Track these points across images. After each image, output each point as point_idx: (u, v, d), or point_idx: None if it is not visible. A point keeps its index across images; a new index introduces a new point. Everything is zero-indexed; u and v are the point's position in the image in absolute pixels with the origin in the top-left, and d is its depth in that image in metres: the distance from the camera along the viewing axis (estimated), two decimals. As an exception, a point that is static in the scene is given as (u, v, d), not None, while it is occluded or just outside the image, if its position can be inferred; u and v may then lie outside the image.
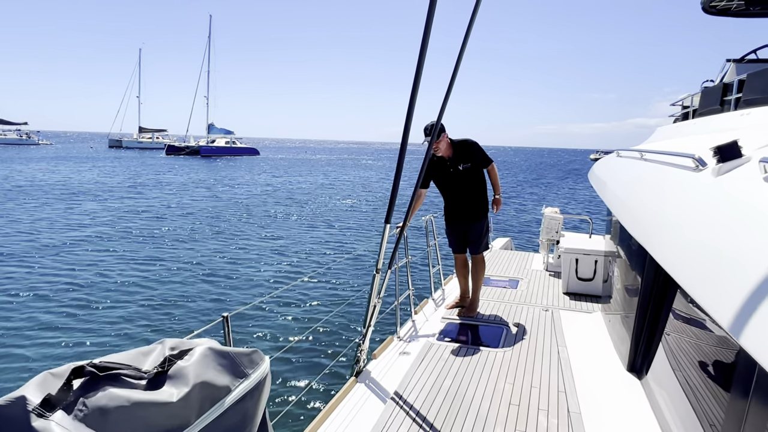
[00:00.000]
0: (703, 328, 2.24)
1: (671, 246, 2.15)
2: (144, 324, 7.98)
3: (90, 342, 7.30)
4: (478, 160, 5.02)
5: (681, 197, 2.47)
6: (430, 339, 4.65)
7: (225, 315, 2.38)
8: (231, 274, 10.98)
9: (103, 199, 22.62)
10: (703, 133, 3.96)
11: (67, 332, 7.59)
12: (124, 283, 9.97)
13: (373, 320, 3.80)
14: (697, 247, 1.87)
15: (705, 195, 2.23)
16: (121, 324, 7.96)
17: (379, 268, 3.70)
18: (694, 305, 2.37)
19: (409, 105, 3.01)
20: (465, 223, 5.21)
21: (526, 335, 4.74)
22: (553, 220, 7.13)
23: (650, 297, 3.16)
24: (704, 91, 4.90)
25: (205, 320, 8.01)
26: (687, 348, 2.48)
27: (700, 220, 2.04)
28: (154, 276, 10.53)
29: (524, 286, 6.44)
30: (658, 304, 3.07)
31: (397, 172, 3.19)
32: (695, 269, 1.77)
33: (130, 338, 7.43)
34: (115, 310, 8.54)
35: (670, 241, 2.19)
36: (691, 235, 2.00)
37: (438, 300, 5.93)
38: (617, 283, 4.35)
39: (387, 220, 3.41)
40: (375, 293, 3.76)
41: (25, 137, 78.67)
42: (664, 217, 2.47)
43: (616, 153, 5.28)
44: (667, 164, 3.10)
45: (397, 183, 3.23)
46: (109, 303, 8.86)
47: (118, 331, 7.66)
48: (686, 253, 1.94)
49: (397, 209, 3.52)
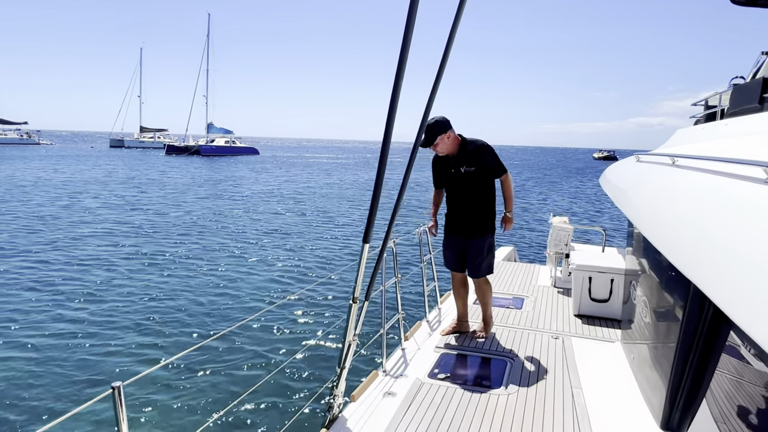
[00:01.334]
0: (765, 383, 1.77)
1: (728, 278, 1.59)
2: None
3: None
4: (486, 166, 4.43)
5: (745, 217, 1.82)
6: (421, 376, 3.99)
7: (115, 385, 1.76)
8: (188, 306, 8.98)
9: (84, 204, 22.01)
10: (742, 135, 3.30)
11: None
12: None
13: (348, 361, 3.15)
14: (765, 280, 1.38)
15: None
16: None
17: (356, 297, 3.03)
18: (756, 352, 1.85)
19: (389, 112, 2.39)
20: (462, 238, 4.58)
21: (534, 371, 4.08)
22: (562, 231, 6.44)
23: (694, 338, 2.50)
24: (736, 88, 4.25)
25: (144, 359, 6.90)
26: (741, 406, 1.96)
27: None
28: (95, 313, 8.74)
29: (530, 306, 5.77)
30: (706, 348, 2.40)
31: (377, 184, 2.54)
32: (759, 307, 1.34)
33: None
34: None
35: (728, 271, 1.62)
36: (758, 266, 1.46)
37: (433, 322, 5.27)
38: (643, 311, 3.69)
39: (365, 239, 2.75)
40: (351, 328, 3.09)
41: (26, 137, 78.79)
42: (718, 241, 1.83)
43: (636, 157, 4.62)
44: (718, 173, 2.43)
45: (376, 197, 2.58)
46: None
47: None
48: (748, 287, 1.43)
49: (377, 228, 2.86)
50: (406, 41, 2.27)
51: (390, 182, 3.52)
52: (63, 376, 6.28)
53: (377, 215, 2.75)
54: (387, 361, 4.20)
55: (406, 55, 2.31)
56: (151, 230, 15.77)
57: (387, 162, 2.50)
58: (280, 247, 14.03)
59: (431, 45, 13.28)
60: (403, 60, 2.31)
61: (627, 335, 4.39)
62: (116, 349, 7.08)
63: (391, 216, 2.66)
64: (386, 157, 2.49)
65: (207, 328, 7.98)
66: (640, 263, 3.90)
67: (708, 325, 2.36)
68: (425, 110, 2.52)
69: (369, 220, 2.62)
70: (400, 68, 2.31)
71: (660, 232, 2.57)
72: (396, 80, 2.32)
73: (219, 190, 27.87)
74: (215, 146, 63.20)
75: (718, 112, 4.58)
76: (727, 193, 2.15)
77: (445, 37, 2.37)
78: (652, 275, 3.47)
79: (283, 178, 37.83)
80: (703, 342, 2.41)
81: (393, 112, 2.40)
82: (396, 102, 2.41)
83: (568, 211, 24.91)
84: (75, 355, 6.83)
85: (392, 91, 2.36)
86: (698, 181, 2.59)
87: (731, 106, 4.25)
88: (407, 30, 2.23)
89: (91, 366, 6.57)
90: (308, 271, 11.65)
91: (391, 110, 2.41)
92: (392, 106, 2.41)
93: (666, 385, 2.83)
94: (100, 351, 7.03)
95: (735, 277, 1.55)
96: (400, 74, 2.32)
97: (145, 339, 7.48)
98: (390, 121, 2.41)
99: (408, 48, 2.29)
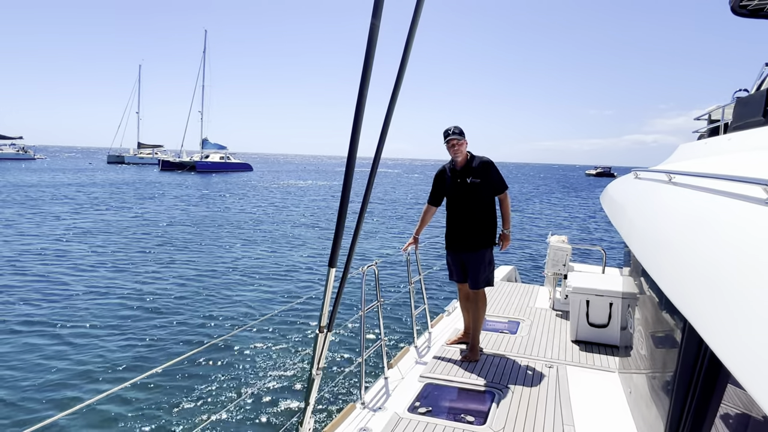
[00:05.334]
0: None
1: (722, 316, 1.29)
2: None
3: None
4: (490, 180, 4.57)
5: (742, 242, 1.53)
6: (401, 409, 3.66)
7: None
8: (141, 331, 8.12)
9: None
10: (746, 150, 3.04)
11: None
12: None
13: (313, 396, 2.82)
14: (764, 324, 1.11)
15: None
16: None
17: (322, 327, 2.69)
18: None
19: (354, 129, 2.14)
20: (462, 251, 4.62)
21: (524, 405, 3.75)
22: (560, 251, 6.13)
23: (693, 375, 2.19)
24: (739, 101, 4.01)
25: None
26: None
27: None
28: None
29: (525, 331, 5.43)
30: (706, 388, 2.09)
31: (342, 205, 2.25)
32: (758, 356, 1.06)
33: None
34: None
35: (722, 309, 1.31)
36: (755, 306, 1.18)
37: (421, 348, 4.94)
38: (640, 340, 3.38)
39: (331, 264, 2.43)
40: (316, 361, 2.75)
41: (22, 152, 78.75)
42: (712, 271, 1.52)
43: (634, 174, 4.35)
44: (715, 192, 2.14)
45: (342, 218, 2.29)
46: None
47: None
48: (745, 329, 1.16)
49: (343, 250, 2.55)
50: (369, 58, 2.06)
51: (370, 201, 3.20)
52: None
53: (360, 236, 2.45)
54: (366, 393, 3.88)
55: (369, 72, 2.11)
56: (116, 253, 14.35)
57: (352, 181, 2.24)
58: (256, 267, 13.15)
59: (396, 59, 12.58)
60: (366, 77, 2.10)
61: (625, 365, 4.08)
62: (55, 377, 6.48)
63: (353, 237, 2.36)
64: (351, 176, 2.23)
65: (168, 352, 7.35)
66: (636, 286, 3.62)
67: (708, 360, 2.05)
68: (383, 125, 2.27)
69: (335, 243, 2.32)
70: (363, 86, 2.09)
71: (653, 257, 2.27)
72: (359, 98, 2.11)
73: (212, 209, 27.40)
74: (210, 162, 62.97)
75: (722, 126, 4.35)
76: (723, 214, 1.85)
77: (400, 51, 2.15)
78: (648, 301, 3.17)
79: (271, 199, 35.74)
80: (703, 380, 2.10)
81: (357, 129, 2.16)
82: (360, 118, 2.18)
83: (566, 229, 24.59)
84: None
85: (356, 107, 2.14)
86: (693, 201, 2.30)
87: (735, 119, 4.02)
88: (369, 47, 2.02)
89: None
90: (278, 294, 10.72)
91: (355, 127, 2.17)
92: (356, 123, 2.17)
93: (664, 426, 2.51)
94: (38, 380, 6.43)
95: (730, 316, 1.26)
96: (363, 92, 2.10)
97: (80, 369, 6.81)
98: (354, 138, 2.17)
99: (371, 65, 2.10)
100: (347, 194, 2.21)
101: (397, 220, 24.34)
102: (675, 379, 2.37)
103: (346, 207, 2.24)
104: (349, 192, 2.20)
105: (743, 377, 1.09)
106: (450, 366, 4.44)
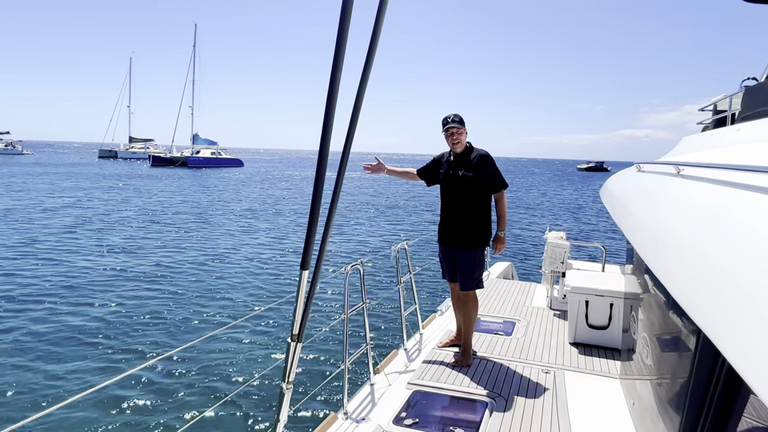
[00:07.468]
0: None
1: (741, 324, 1.10)
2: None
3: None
4: (484, 175, 4.30)
5: (763, 237, 1.28)
6: (385, 421, 3.39)
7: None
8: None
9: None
10: (757, 141, 2.79)
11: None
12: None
13: (284, 413, 2.53)
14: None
15: None
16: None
17: (294, 335, 2.40)
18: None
19: (325, 123, 1.91)
20: (451, 247, 4.39)
21: (518, 416, 3.48)
22: (558, 248, 5.85)
23: (709, 387, 1.93)
24: (748, 90, 3.77)
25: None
26: None
27: None
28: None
29: (521, 332, 5.17)
30: (723, 403, 1.84)
31: (314, 203, 1.98)
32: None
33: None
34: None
35: (741, 315, 1.12)
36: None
37: (411, 351, 4.66)
38: (644, 345, 3.12)
39: (303, 266, 2.16)
40: (287, 373, 2.46)
41: (10, 147, 77.98)
42: (726, 270, 1.30)
43: (637, 167, 4.09)
44: (729, 184, 1.88)
45: (314, 216, 2.02)
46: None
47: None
48: (764, 336, 0.99)
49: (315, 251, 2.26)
50: (339, 50, 1.84)
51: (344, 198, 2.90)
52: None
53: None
54: (350, 402, 3.60)
55: (340, 65, 1.90)
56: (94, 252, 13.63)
57: (324, 178, 1.99)
58: (233, 268, 12.39)
59: (388, 54, 12.16)
60: (336, 70, 1.89)
61: (627, 371, 3.83)
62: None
63: (323, 236, 2.08)
64: (323, 173, 1.99)
65: (140, 354, 6.91)
66: (640, 286, 3.36)
67: (726, 372, 1.79)
68: (351, 118, 2.02)
69: (307, 243, 2.04)
70: (334, 79, 1.87)
71: (659, 255, 2.01)
72: (330, 92, 1.88)
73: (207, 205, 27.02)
74: (202, 158, 62.50)
75: (729, 116, 4.10)
76: (739, 207, 1.61)
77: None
78: (654, 302, 2.91)
79: (264, 192, 35.56)
80: (720, 394, 1.84)
81: (329, 122, 1.92)
82: (332, 111, 1.93)
83: (563, 220, 24.37)
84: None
85: (327, 101, 1.89)
86: (706, 194, 2.04)
87: (743, 109, 3.77)
88: (340, 39, 1.80)
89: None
90: (254, 298, 9.93)
91: (326, 120, 1.92)
92: (328, 115, 1.92)
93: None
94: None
95: (747, 321, 1.07)
96: (334, 86, 1.87)
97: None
98: (326, 131, 1.91)
99: (342, 58, 1.88)
100: (319, 192, 1.96)
101: (385, 218, 23.93)
102: (687, 393, 2.11)
103: (319, 205, 1.98)
104: (321, 190, 1.96)
105: (762, 390, 0.90)
106: (440, 371, 4.17)
